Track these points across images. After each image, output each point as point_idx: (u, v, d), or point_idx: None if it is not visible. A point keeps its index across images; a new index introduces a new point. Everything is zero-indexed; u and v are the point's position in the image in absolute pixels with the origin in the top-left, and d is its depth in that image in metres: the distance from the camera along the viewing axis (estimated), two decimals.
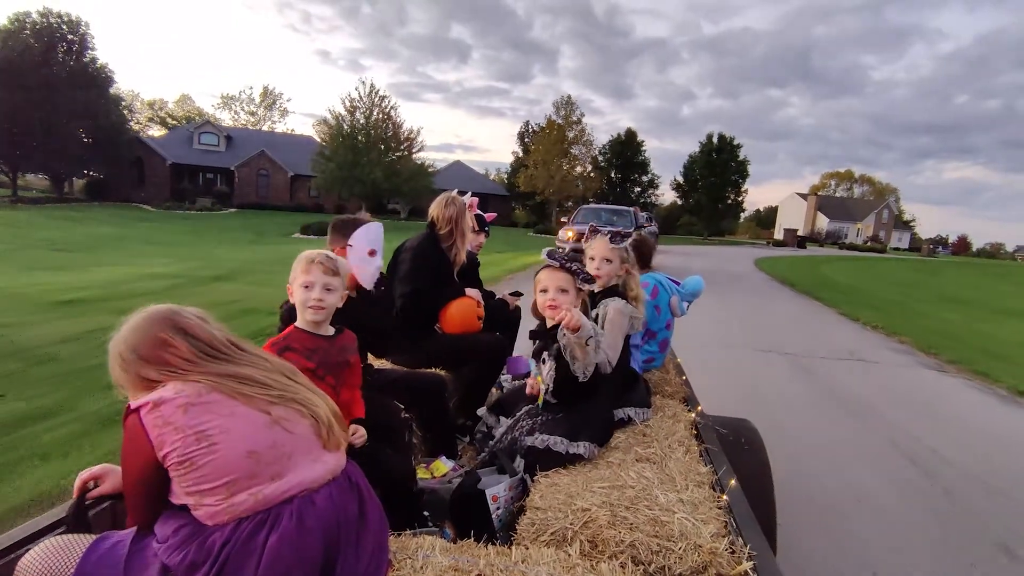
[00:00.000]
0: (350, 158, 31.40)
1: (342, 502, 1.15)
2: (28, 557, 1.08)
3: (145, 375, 1.09)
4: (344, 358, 1.72)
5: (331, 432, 1.18)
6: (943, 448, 4.16)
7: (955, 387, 6.16)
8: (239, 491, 1.03)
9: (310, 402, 1.18)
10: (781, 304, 11.86)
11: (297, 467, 1.10)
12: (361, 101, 33.07)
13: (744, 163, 49.29)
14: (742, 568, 1.28)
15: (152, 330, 1.11)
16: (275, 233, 23.76)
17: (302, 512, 1.06)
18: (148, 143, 37.77)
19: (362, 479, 1.27)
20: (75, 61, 33.02)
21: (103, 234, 19.88)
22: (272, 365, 1.20)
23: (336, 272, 1.64)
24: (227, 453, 1.03)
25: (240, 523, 1.02)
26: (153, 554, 1.05)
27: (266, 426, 1.09)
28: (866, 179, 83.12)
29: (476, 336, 2.77)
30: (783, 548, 2.28)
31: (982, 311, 12.90)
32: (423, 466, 2.23)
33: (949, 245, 75.36)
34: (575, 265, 1.97)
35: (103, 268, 11.64)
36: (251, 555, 1.00)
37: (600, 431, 1.94)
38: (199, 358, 1.11)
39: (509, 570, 1.21)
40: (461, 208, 2.79)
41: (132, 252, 15.29)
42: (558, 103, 43.85)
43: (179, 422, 1.02)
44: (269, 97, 64.65)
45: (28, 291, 8.53)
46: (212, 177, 38.23)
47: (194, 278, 10.44)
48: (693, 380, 2.86)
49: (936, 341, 8.38)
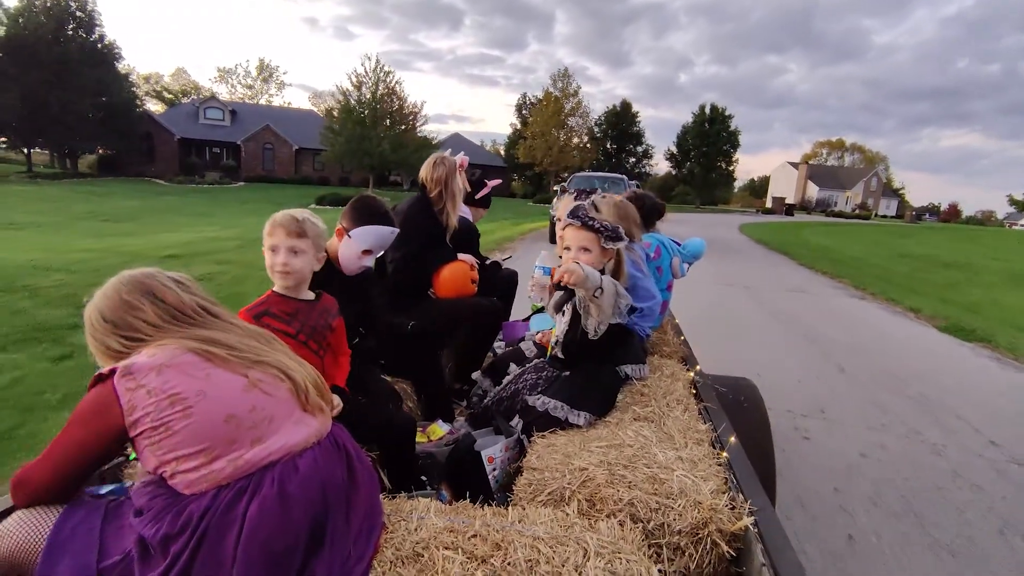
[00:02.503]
0: (358, 132, 31.97)
1: (327, 465, 1.10)
2: (2, 526, 1.03)
3: (115, 344, 1.05)
4: (326, 321, 1.64)
5: (309, 396, 1.14)
6: (839, 337, 6.24)
7: (864, 307, 8.31)
8: (218, 457, 0.98)
9: (285, 366, 1.13)
10: (753, 259, 13.57)
11: (279, 431, 1.06)
12: (367, 76, 34.14)
13: (735, 133, 49.70)
14: (742, 524, 1.27)
15: (120, 294, 1.06)
16: (292, 204, 24.69)
17: (284, 478, 1.02)
18: (156, 119, 37.88)
19: (350, 441, 1.22)
20: (85, 38, 33.68)
21: (133, 206, 20.81)
22: (245, 331, 1.15)
23: (302, 234, 1.53)
24: (203, 418, 0.97)
25: (219, 491, 0.97)
26: (129, 523, 1.01)
27: (244, 389, 1.04)
28: (857, 148, 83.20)
29: (471, 300, 2.69)
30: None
31: (928, 263, 14.80)
32: (420, 430, 2.13)
33: (939, 212, 77.16)
34: (598, 223, 1.88)
35: (164, 234, 12.52)
36: (231, 525, 0.95)
37: (603, 400, 1.87)
38: (165, 322, 1.06)
39: (506, 530, 1.17)
40: (451, 168, 2.68)
41: (173, 222, 16.04)
42: (555, 76, 44.81)
43: (152, 384, 0.96)
44: (266, 70, 64.67)
45: (124, 251, 9.27)
46: (219, 151, 38.56)
47: (249, 240, 11.09)
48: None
49: (868, 281, 10.42)
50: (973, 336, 6.63)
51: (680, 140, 51.27)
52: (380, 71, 33.97)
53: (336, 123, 32.97)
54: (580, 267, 1.69)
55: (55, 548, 0.98)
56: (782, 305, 7.92)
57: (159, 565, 0.94)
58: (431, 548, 1.13)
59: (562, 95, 43.45)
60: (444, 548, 1.13)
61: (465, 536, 1.17)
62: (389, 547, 1.14)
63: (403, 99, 34.72)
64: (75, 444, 1.02)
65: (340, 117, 32.95)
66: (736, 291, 8.60)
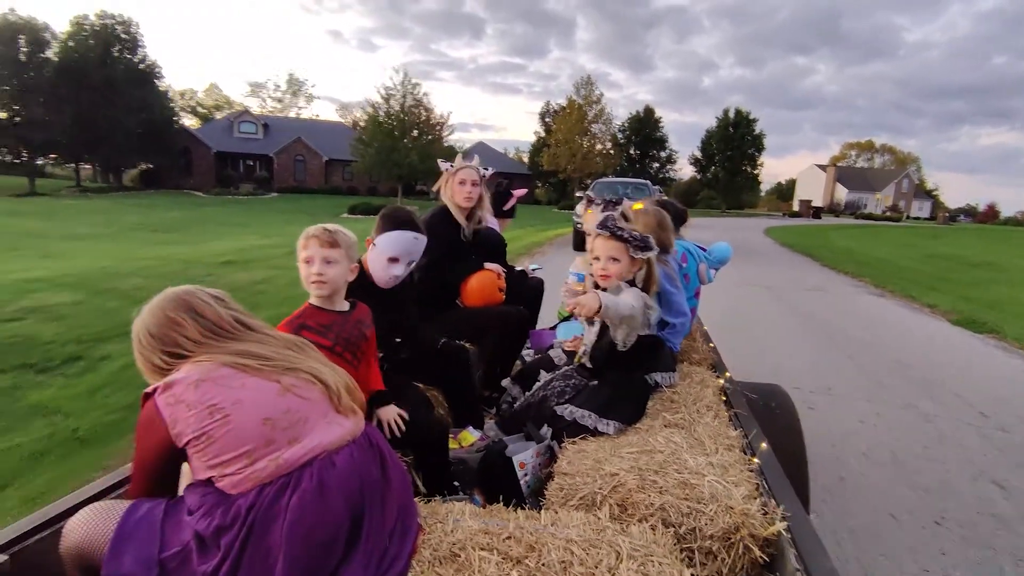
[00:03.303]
0: (389, 143, 32.68)
1: (363, 463, 1.14)
2: (73, 520, 1.11)
3: (158, 361, 1.11)
4: (360, 331, 1.67)
5: (341, 398, 1.18)
6: (853, 329, 6.51)
7: (882, 304, 8.51)
8: (259, 459, 1.03)
9: (317, 371, 1.17)
10: (776, 261, 13.64)
11: (314, 430, 1.10)
12: (396, 89, 34.97)
13: (760, 136, 48.73)
14: (775, 528, 1.25)
15: (165, 311, 1.12)
16: (325, 214, 25.15)
17: (323, 473, 1.06)
18: (194, 133, 39.26)
19: (382, 442, 1.26)
20: (129, 59, 35.14)
21: (178, 217, 21.70)
22: (279, 341, 1.20)
23: (335, 244, 1.58)
24: (241, 423, 1.03)
25: (263, 488, 1.02)
26: (185, 519, 1.06)
27: (278, 394, 1.09)
28: (887, 148, 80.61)
29: (498, 308, 2.70)
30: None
31: (956, 263, 14.45)
32: (451, 436, 2.15)
33: (976, 214, 74.16)
34: (627, 232, 1.86)
35: (213, 243, 13.11)
36: (276, 517, 1.00)
37: (632, 409, 1.84)
38: (205, 338, 1.11)
39: (539, 532, 1.19)
40: (447, 176, 2.73)
41: (217, 232, 16.70)
42: (578, 83, 44.87)
43: (190, 399, 1.03)
44: (295, 84, 66.39)
45: (183, 259, 9.80)
46: (252, 164, 39.58)
47: (295, 247, 12.46)
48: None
49: (889, 280, 10.44)
50: (984, 328, 6.76)
51: (704, 144, 50.58)
52: (408, 84, 34.61)
53: (366, 135, 33.67)
54: (599, 297, 1.68)
55: (121, 540, 1.04)
56: (800, 303, 8.15)
57: (215, 556, 1.00)
58: (467, 549, 1.15)
59: (585, 103, 43.36)
60: (480, 549, 1.15)
61: (500, 538, 1.18)
62: (427, 548, 1.17)
63: (430, 110, 35.22)
64: (141, 460, 1.12)
65: (370, 129, 33.61)
66: (757, 291, 8.83)
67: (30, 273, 7.80)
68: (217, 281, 7.69)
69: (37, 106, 30.58)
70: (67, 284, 7.01)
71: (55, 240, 14.03)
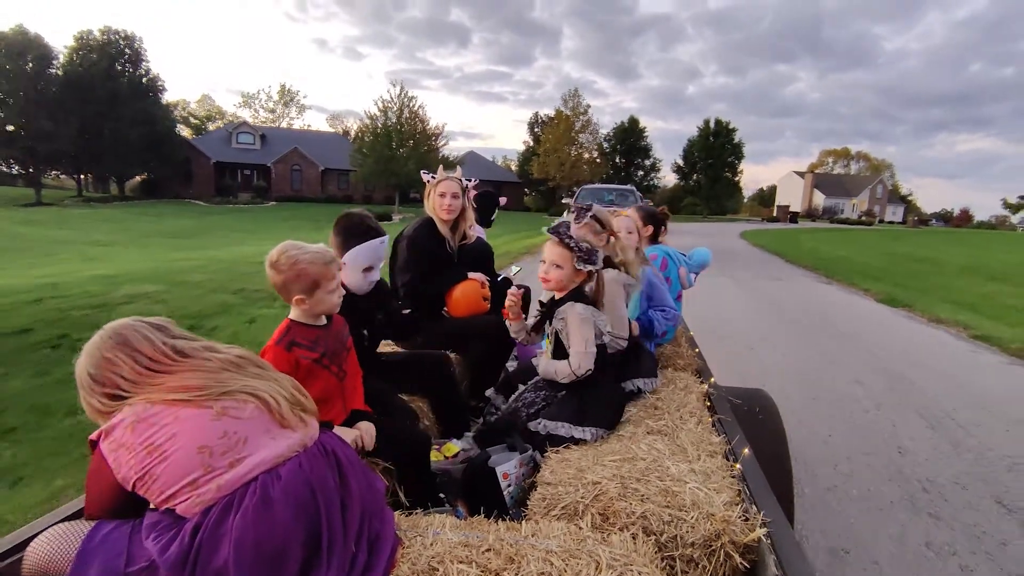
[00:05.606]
0: (386, 153, 32.99)
1: (314, 470, 1.10)
2: (36, 541, 1.07)
3: (97, 403, 1.07)
4: (340, 342, 1.65)
5: (283, 411, 1.14)
6: (794, 304, 8.21)
7: (827, 289, 10.00)
8: (200, 485, 1.01)
9: (252, 388, 1.13)
10: (748, 257, 14.96)
11: (258, 448, 1.07)
12: (392, 102, 34.85)
13: (739, 145, 49.55)
14: (755, 535, 1.22)
15: (102, 351, 1.08)
16: (326, 221, 25.60)
17: (266, 487, 1.03)
18: (194, 144, 39.07)
19: (340, 447, 1.22)
20: (132, 73, 34.84)
21: (188, 225, 21.70)
22: (217, 363, 1.15)
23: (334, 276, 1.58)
24: (178, 456, 1.00)
25: (208, 510, 1.00)
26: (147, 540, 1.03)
27: (212, 419, 1.05)
28: (863, 156, 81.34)
29: (483, 318, 2.65)
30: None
31: (904, 259, 15.85)
32: (435, 448, 2.09)
33: (950, 218, 74.64)
34: (575, 242, 1.81)
35: (233, 247, 13.40)
36: (223, 538, 0.98)
37: (609, 413, 1.78)
38: (141, 376, 1.08)
39: (519, 544, 1.15)
40: (429, 188, 2.68)
41: (232, 237, 16.94)
42: (566, 95, 45.44)
43: (129, 441, 1.01)
44: (287, 95, 65.97)
45: (223, 259, 10.18)
46: (249, 173, 39.43)
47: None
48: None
49: (840, 272, 11.82)
50: (899, 304, 8.54)
51: (687, 153, 51.11)
52: (404, 97, 34.75)
53: (365, 147, 33.79)
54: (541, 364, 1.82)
55: (86, 554, 1.03)
56: (760, 289, 9.64)
57: None
58: (446, 562, 1.11)
59: (572, 114, 43.68)
60: (458, 562, 1.10)
61: (479, 550, 1.14)
62: (406, 562, 1.12)
63: (425, 121, 35.26)
64: (95, 499, 1.12)
65: (368, 141, 33.72)
66: (725, 280, 10.18)
67: (96, 271, 8.14)
68: (261, 279, 8.13)
69: (43, 119, 30.30)
70: (142, 278, 7.48)
71: (84, 246, 14.54)
